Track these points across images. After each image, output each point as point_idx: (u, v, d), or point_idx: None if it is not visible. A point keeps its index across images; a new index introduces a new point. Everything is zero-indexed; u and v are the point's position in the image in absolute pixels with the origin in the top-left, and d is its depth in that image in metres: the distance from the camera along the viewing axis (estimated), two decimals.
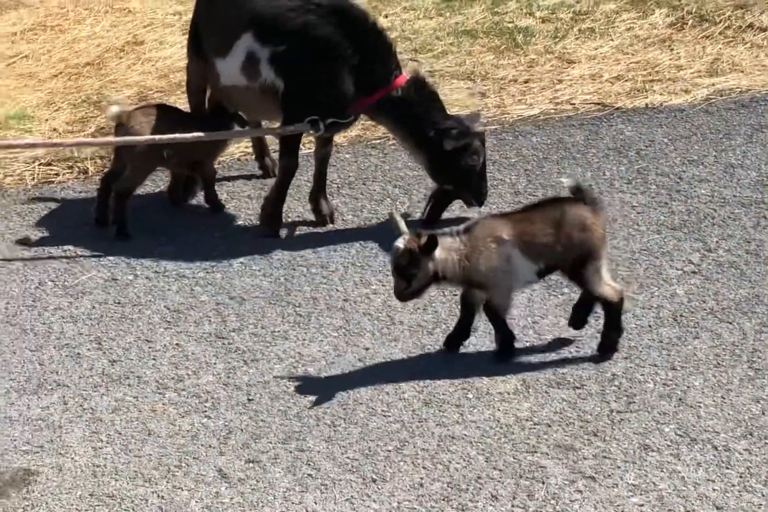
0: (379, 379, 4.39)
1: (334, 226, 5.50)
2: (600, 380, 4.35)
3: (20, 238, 5.38)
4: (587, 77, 7.07)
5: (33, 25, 8.38)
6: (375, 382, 4.37)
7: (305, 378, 4.40)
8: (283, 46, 5.38)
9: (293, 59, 5.38)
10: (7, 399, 4.33)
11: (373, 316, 4.72)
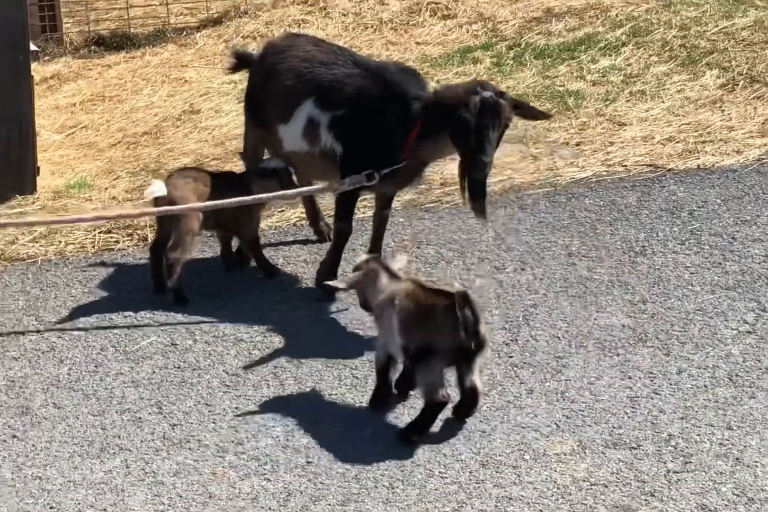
0: (436, 441, 4.42)
1: None
2: (656, 441, 4.38)
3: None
4: (639, 139, 7.15)
5: (92, 96, 8.59)
6: (432, 444, 4.41)
7: (362, 440, 4.45)
8: (340, 111, 5.53)
9: (350, 123, 5.51)
10: (71, 463, 4.41)
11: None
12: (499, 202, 6.41)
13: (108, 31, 9.93)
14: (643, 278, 5.57)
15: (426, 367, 4.36)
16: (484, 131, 5.17)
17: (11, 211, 6.58)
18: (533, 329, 5.18)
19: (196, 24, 9.94)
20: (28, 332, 5.34)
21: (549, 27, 9.10)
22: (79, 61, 9.34)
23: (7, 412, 4.74)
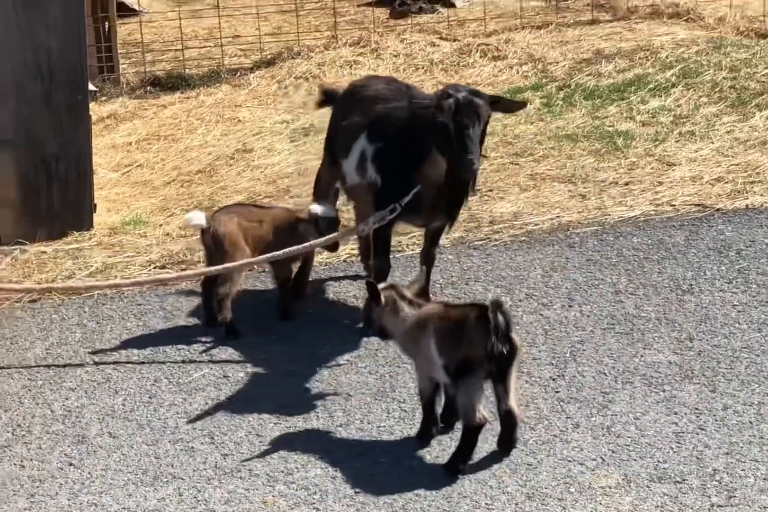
0: (482, 474, 4.47)
1: None
2: (701, 475, 4.40)
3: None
4: (687, 179, 7.22)
5: (147, 135, 8.77)
6: (480, 477, 4.46)
7: (410, 472, 4.51)
8: (381, 143, 5.65)
9: (386, 155, 5.63)
10: (125, 490, 4.49)
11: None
12: (547, 240, 6.50)
13: (163, 71, 10.14)
14: (690, 315, 5.61)
15: (465, 385, 4.43)
16: (465, 131, 5.22)
17: (68, 247, 6.74)
18: (580, 365, 5.23)
19: (249, 65, 10.13)
20: (84, 364, 5.47)
21: (599, 68, 9.22)
22: (135, 101, 9.53)
23: (63, 441, 4.84)
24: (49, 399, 5.18)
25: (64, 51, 6.73)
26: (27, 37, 6.68)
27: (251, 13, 11.32)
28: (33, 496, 4.50)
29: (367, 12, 11.44)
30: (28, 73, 6.71)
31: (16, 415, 5.06)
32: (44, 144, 6.80)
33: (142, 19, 11.13)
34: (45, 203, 6.85)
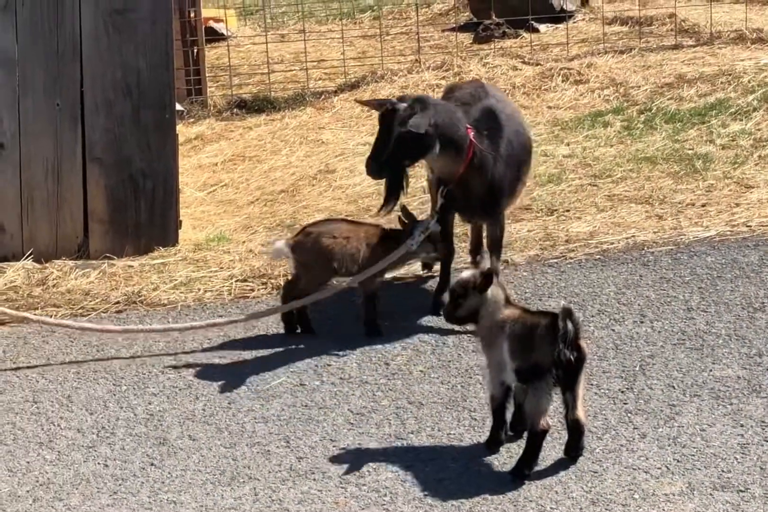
0: (548, 480, 4.58)
1: None
2: (764, 484, 4.46)
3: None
4: (765, 201, 7.27)
5: (233, 155, 9.01)
6: (546, 483, 4.57)
7: (478, 477, 4.63)
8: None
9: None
10: (204, 489, 4.68)
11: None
12: (622, 258, 6.62)
13: (250, 94, 10.39)
14: (760, 332, 5.66)
15: (534, 389, 4.58)
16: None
17: (153, 261, 6.95)
18: (649, 379, 5.32)
19: (333, 88, 10.36)
20: (167, 371, 5.69)
21: (680, 92, 9.31)
22: (221, 123, 9.79)
23: (146, 442, 5.05)
24: (133, 403, 5.40)
25: (153, 71, 6.97)
26: (117, 57, 6.93)
27: (336, 38, 11.56)
28: (116, 493, 4.69)
29: (451, 37, 11.64)
30: (118, 92, 6.95)
31: (101, 418, 5.29)
32: (132, 162, 7.03)
33: (230, 44, 11.42)
34: (132, 219, 7.07)
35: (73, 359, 5.89)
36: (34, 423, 5.28)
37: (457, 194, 5.87)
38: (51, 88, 6.94)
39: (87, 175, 7.04)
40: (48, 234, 7.05)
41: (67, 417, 5.31)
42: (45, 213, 7.03)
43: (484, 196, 5.91)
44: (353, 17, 13.27)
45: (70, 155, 7.01)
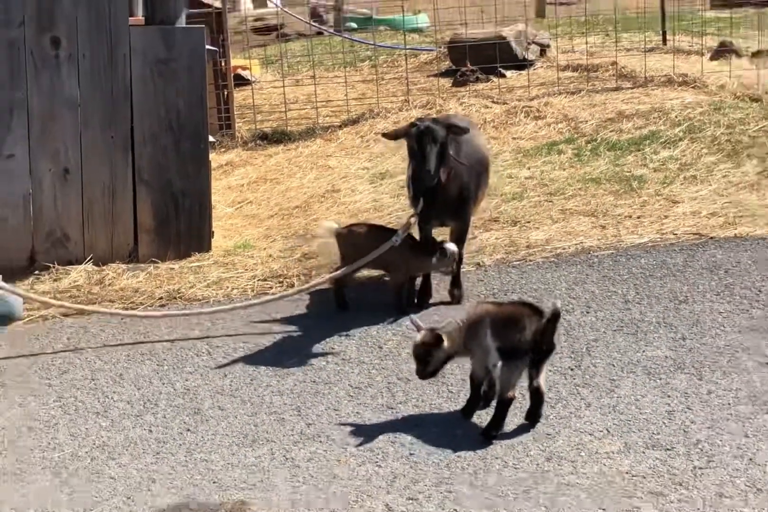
0: (511, 441, 4.58)
1: None
2: (686, 444, 4.47)
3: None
4: (689, 214, 7.26)
5: (256, 178, 9.01)
6: (509, 443, 4.57)
7: (454, 439, 4.63)
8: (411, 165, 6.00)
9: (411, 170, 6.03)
10: (230, 450, 4.68)
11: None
12: (572, 261, 6.61)
13: (270, 128, 10.39)
14: (684, 320, 5.67)
15: (509, 366, 4.56)
16: (424, 151, 5.62)
17: (191, 264, 6.94)
18: (593, 358, 5.32)
19: (339, 123, 10.35)
20: (201, 354, 5.68)
21: (620, 126, 9.29)
22: (247, 152, 9.79)
23: (183, 412, 5.05)
24: (173, 380, 5.40)
25: (190, 110, 6.98)
26: (161, 98, 6.93)
27: (341, 82, 11.56)
28: (158, 454, 4.70)
29: (434, 81, 11.63)
30: (162, 127, 6.95)
31: (147, 392, 5.28)
32: (173, 183, 7.03)
33: (254, 87, 11.43)
34: (174, 230, 7.07)
35: (124, 344, 5.88)
36: (92, 396, 5.27)
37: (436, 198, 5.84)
38: (107, 124, 6.94)
39: (136, 194, 7.03)
40: (105, 242, 7.03)
41: (119, 391, 5.30)
42: (102, 225, 7.02)
43: (456, 200, 5.90)
44: (355, 66, 13.26)
45: (123, 178, 7.00)
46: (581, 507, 4.10)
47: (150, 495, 4.37)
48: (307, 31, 15.16)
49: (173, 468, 4.57)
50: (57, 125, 6.88)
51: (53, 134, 6.88)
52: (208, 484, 4.42)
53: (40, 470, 4.62)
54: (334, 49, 13.61)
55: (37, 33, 6.78)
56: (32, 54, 6.79)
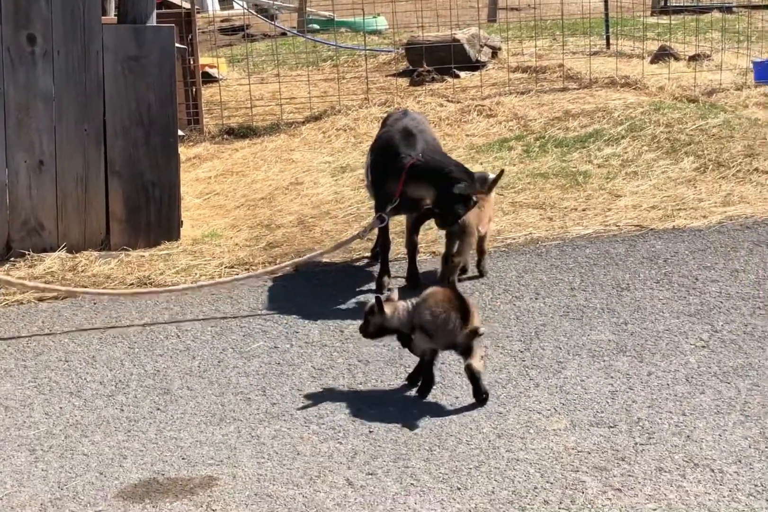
0: (464, 419, 4.58)
1: None
2: (628, 422, 4.49)
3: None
4: (630, 207, 7.30)
5: (223, 171, 8.93)
6: (462, 421, 4.57)
7: (412, 418, 4.61)
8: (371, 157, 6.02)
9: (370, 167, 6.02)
10: (198, 428, 4.64)
11: (462, 375, 4.84)
12: (521, 250, 6.62)
13: (236, 124, 10.32)
14: (626, 306, 5.69)
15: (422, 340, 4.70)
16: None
17: (160, 252, 6.86)
18: (542, 341, 5.33)
19: (302, 119, 10.30)
20: (170, 337, 5.63)
21: (567, 124, 9.31)
22: (214, 146, 9.71)
23: (153, 392, 5.00)
24: (143, 361, 5.35)
25: (160, 104, 6.90)
26: (132, 94, 6.85)
27: (304, 81, 11.51)
28: (129, 432, 4.65)
29: (393, 81, 11.61)
30: (133, 121, 6.87)
31: (118, 373, 5.23)
32: (144, 175, 6.96)
33: (221, 84, 11.34)
34: (144, 219, 6.99)
35: (97, 327, 5.81)
36: (66, 377, 5.22)
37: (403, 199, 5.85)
38: (80, 118, 6.85)
39: (108, 185, 6.95)
40: (78, 231, 6.95)
41: (91, 373, 5.25)
42: (75, 215, 6.93)
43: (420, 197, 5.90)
44: (317, 65, 13.19)
45: (95, 169, 6.92)
46: (530, 480, 4.12)
47: (121, 471, 4.33)
48: (272, 31, 15.06)
49: (144, 445, 4.53)
50: (32, 119, 6.78)
51: (29, 127, 6.78)
52: (178, 460, 4.38)
53: (16, 447, 4.56)
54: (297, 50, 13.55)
55: (14, 31, 6.68)
56: (9, 50, 6.68)
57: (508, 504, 3.98)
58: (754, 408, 4.56)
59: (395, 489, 4.10)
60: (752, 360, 4.99)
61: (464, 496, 4.04)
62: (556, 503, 3.96)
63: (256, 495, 4.10)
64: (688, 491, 3.98)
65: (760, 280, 5.95)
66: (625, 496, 3.98)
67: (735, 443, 4.29)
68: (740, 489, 3.98)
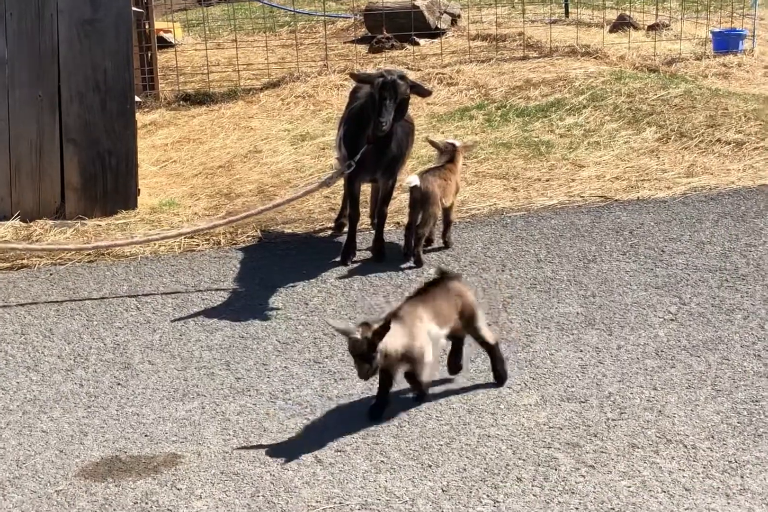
0: (435, 395, 4.47)
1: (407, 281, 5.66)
2: (599, 397, 4.42)
3: None
4: (594, 178, 7.22)
5: (180, 138, 8.71)
6: (433, 397, 4.45)
7: None
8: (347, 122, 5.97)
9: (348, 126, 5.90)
10: (161, 404, 4.50)
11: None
12: (486, 221, 6.52)
13: (193, 90, 10.08)
14: (593, 278, 5.61)
15: None
16: (383, 101, 5.48)
17: (117, 221, 6.69)
18: (509, 314, 5.24)
19: (260, 86, 10.09)
20: (129, 309, 5.46)
21: (528, 93, 9.19)
22: (170, 113, 9.47)
23: (113, 367, 4.84)
24: (103, 335, 5.18)
25: (116, 70, 6.69)
26: (87, 59, 6.63)
27: (261, 46, 11.27)
28: (89, 408, 4.50)
29: (351, 47, 11.42)
30: (89, 86, 6.67)
31: (77, 347, 5.06)
32: (100, 142, 6.76)
33: (177, 50, 11.07)
34: (101, 188, 6.81)
35: (53, 300, 5.62)
36: (22, 350, 5.03)
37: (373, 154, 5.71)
38: (34, 83, 6.62)
39: (63, 152, 6.74)
40: (32, 199, 6.73)
41: (49, 346, 5.07)
42: (29, 182, 6.72)
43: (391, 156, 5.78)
44: (274, 31, 12.93)
45: (50, 136, 6.70)
46: (502, 457, 4.03)
47: (82, 449, 4.18)
48: None
49: (105, 421, 4.38)
50: None
51: None
52: (140, 437, 4.24)
53: None
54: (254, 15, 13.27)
55: None
56: None
57: (481, 481, 3.89)
58: (725, 383, 4.50)
59: (365, 466, 3.99)
60: (721, 334, 4.93)
61: (435, 474, 3.94)
62: (529, 480, 3.88)
63: (222, 474, 3.98)
64: (662, 468, 3.92)
65: (727, 252, 5.89)
66: (598, 473, 3.90)
67: (707, 418, 4.23)
68: (714, 466, 3.91)
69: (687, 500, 3.72)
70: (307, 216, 6.70)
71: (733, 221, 6.33)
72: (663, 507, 3.69)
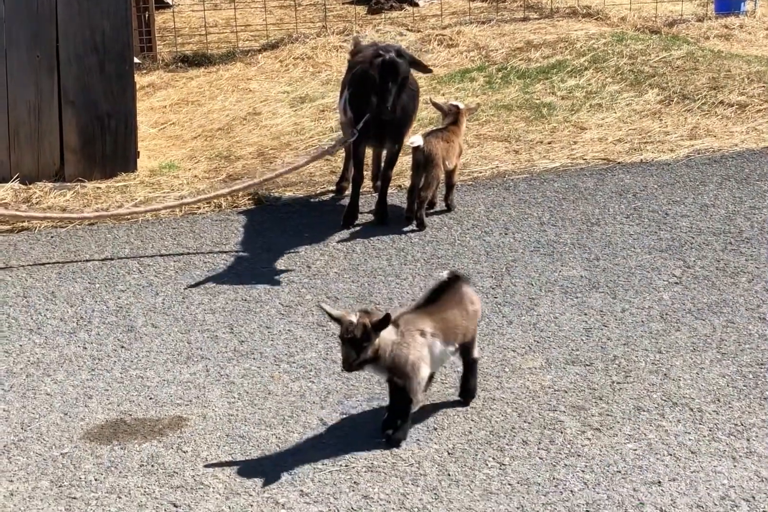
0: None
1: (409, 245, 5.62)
2: (605, 360, 4.42)
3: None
4: (596, 140, 7.17)
5: (178, 100, 8.61)
6: None
7: None
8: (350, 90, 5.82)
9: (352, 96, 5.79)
10: (165, 367, 4.49)
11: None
12: (489, 184, 6.47)
13: (191, 51, 9.95)
14: (597, 241, 5.59)
15: None
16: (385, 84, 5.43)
17: (117, 184, 6.62)
18: (513, 278, 5.22)
19: (258, 48, 9.96)
20: (132, 272, 5.42)
21: (529, 55, 9.10)
22: (168, 74, 9.36)
23: (117, 329, 4.82)
24: (105, 298, 5.15)
25: (115, 31, 6.58)
26: (86, 20, 6.52)
27: (260, 7, 11.14)
28: (93, 370, 4.48)
29: (350, 8, 11.26)
30: (87, 48, 6.56)
31: (80, 309, 5.03)
32: (99, 104, 6.67)
33: (175, 11, 10.93)
34: (100, 150, 6.73)
35: (55, 262, 5.58)
36: (25, 313, 5.00)
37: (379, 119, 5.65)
38: (32, 44, 6.51)
39: (62, 114, 6.65)
40: (31, 161, 6.66)
41: (51, 309, 5.04)
42: (28, 145, 6.63)
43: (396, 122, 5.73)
44: None
45: (49, 98, 6.60)
46: (507, 420, 4.02)
47: (87, 411, 4.17)
48: None
49: (109, 384, 4.36)
50: None
51: None
52: (145, 400, 4.23)
53: None
54: None
55: None
56: None
57: (486, 444, 3.88)
58: (730, 346, 4.49)
59: (370, 429, 3.97)
60: (726, 297, 4.92)
61: (441, 436, 3.93)
62: (534, 443, 3.88)
63: (227, 436, 3.97)
64: (667, 430, 3.91)
65: (730, 215, 5.86)
66: (604, 436, 3.90)
67: (713, 381, 4.23)
68: (720, 429, 3.91)
69: (693, 463, 3.72)
70: (308, 179, 6.64)
71: (737, 184, 6.29)
72: (669, 469, 3.69)
